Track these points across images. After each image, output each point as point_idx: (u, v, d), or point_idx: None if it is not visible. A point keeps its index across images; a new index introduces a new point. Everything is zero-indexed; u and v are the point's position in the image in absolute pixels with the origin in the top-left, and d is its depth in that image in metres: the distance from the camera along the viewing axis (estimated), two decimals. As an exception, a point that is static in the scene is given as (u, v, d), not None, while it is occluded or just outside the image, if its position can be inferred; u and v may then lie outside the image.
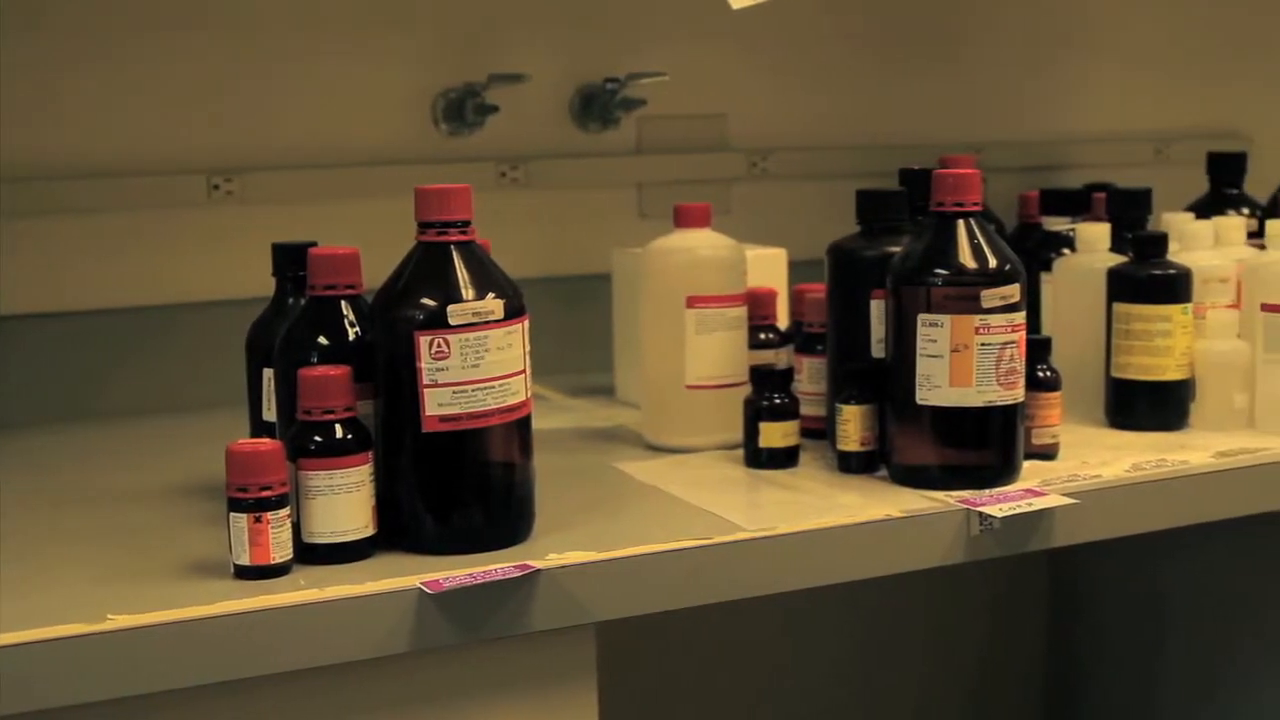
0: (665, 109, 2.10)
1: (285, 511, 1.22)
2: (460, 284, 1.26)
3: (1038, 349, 1.56)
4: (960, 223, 1.45)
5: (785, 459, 1.55)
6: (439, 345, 1.24)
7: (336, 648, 1.18)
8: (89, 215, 1.84)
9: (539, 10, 2.05)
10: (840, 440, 1.52)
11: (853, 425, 1.51)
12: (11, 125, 1.79)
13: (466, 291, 1.25)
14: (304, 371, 1.27)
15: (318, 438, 1.24)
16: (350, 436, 1.25)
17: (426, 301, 1.25)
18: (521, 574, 1.22)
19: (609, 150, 2.11)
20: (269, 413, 1.41)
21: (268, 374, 1.41)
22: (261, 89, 1.92)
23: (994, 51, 2.36)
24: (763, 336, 1.68)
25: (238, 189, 1.91)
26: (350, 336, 1.31)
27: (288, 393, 1.29)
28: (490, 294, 1.26)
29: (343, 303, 1.33)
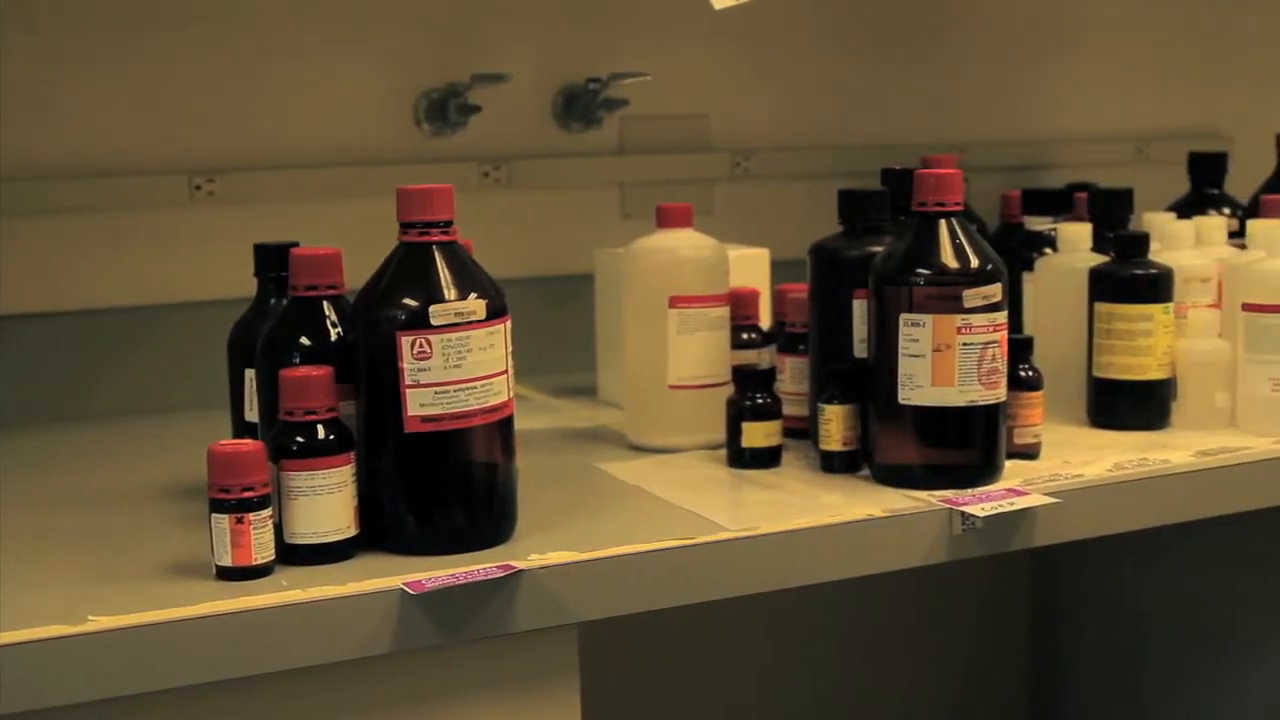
0: (648, 109, 2.10)
1: (267, 512, 1.21)
2: (442, 284, 1.26)
3: (1020, 348, 1.56)
4: (942, 222, 1.45)
5: (768, 459, 1.55)
6: (421, 345, 1.24)
7: (319, 648, 1.18)
8: (71, 215, 1.84)
9: (521, 10, 2.05)
10: (823, 440, 1.52)
11: (835, 425, 1.51)
12: (-8, 125, 1.79)
13: (448, 292, 1.25)
14: (286, 372, 1.27)
15: (300, 438, 1.24)
16: (332, 437, 1.25)
17: (408, 302, 1.25)
18: (504, 574, 1.22)
19: (591, 150, 2.11)
20: (251, 413, 1.41)
21: (250, 374, 1.40)
22: (244, 89, 1.91)
23: (976, 52, 2.37)
24: (745, 336, 1.68)
25: (220, 189, 1.90)
26: (332, 337, 1.31)
27: (270, 393, 1.29)
28: (472, 294, 1.26)
29: (325, 303, 1.33)
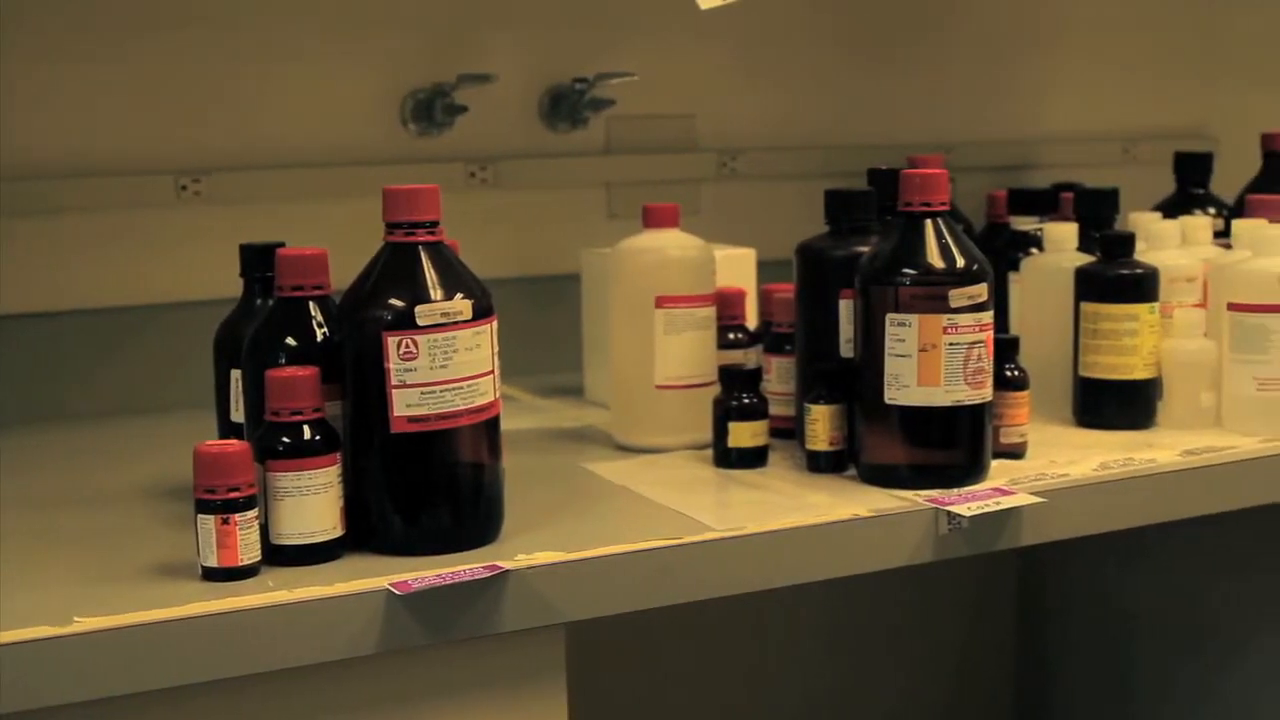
0: (634, 109, 2.10)
1: (253, 513, 1.21)
2: (428, 284, 1.26)
3: (1006, 348, 1.57)
4: (928, 222, 1.45)
5: (754, 459, 1.55)
6: (407, 346, 1.24)
7: (305, 649, 1.18)
8: (56, 216, 1.83)
9: (508, 11, 2.05)
10: (809, 440, 1.52)
11: (821, 425, 1.51)
12: (-23, 125, 1.78)
13: (434, 292, 1.25)
14: (272, 372, 1.26)
15: (285, 439, 1.24)
16: (318, 437, 1.25)
17: (394, 302, 1.25)
18: (490, 574, 1.22)
19: (578, 150, 2.11)
20: (237, 414, 1.40)
21: (235, 375, 1.40)
22: (230, 90, 1.91)
23: (962, 52, 2.37)
24: (731, 336, 1.68)
25: (206, 189, 1.90)
26: (318, 337, 1.31)
27: (256, 394, 1.29)
28: (458, 294, 1.26)
29: (310, 303, 1.33)
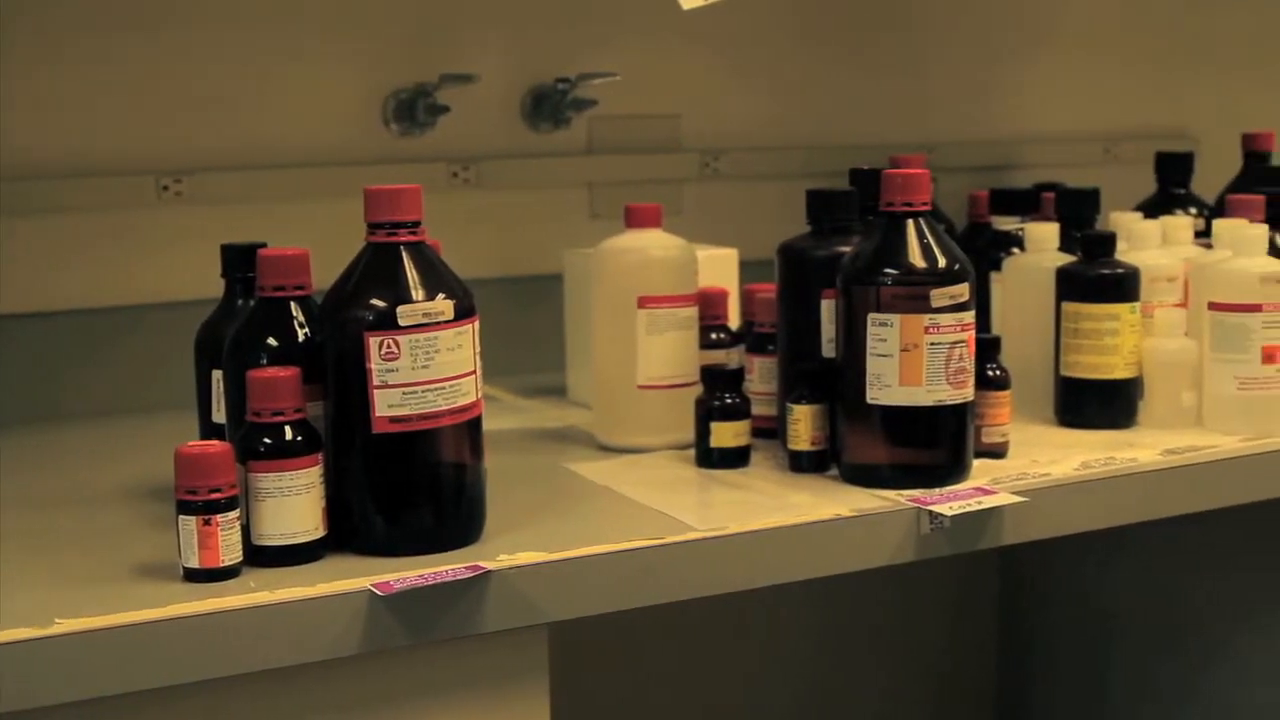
0: (617, 109, 2.10)
1: (235, 514, 1.21)
2: (410, 285, 1.25)
3: (987, 348, 1.57)
4: (910, 222, 1.45)
5: (736, 459, 1.55)
6: (389, 346, 1.24)
7: (287, 650, 1.17)
8: (35, 217, 1.83)
9: (490, 10, 2.04)
10: (791, 440, 1.52)
11: (803, 425, 1.51)
12: (-43, 126, 1.78)
13: (416, 292, 1.25)
14: (253, 373, 1.26)
15: (267, 439, 1.24)
16: (300, 438, 1.25)
17: (376, 302, 1.24)
18: (472, 575, 1.22)
19: (560, 150, 2.11)
20: (218, 414, 1.40)
21: (217, 375, 1.40)
22: (211, 90, 1.91)
23: (945, 53, 2.37)
24: (714, 336, 1.68)
25: (187, 190, 1.90)
26: (300, 338, 1.31)
27: (237, 394, 1.29)
28: (440, 295, 1.26)
29: (292, 304, 1.32)
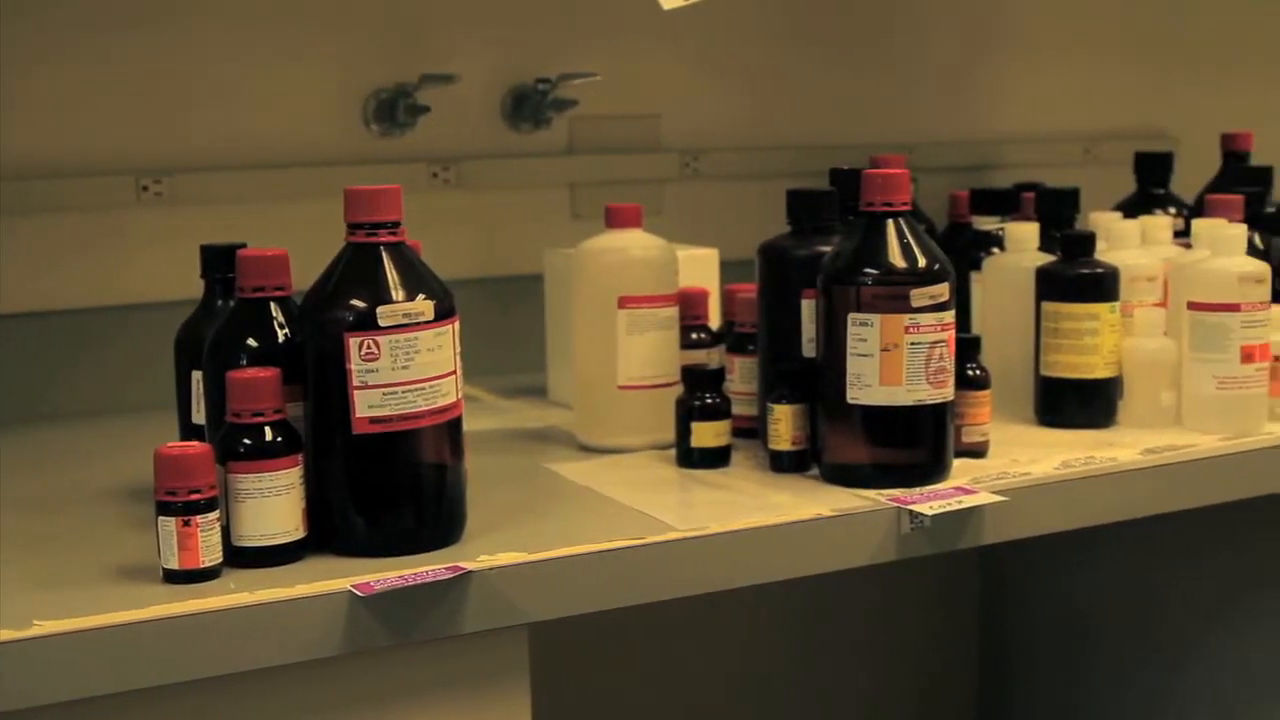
0: (597, 109, 2.10)
1: (214, 515, 1.21)
2: (390, 285, 1.25)
3: (967, 347, 1.57)
4: (890, 222, 1.45)
5: (717, 459, 1.55)
6: (369, 347, 1.24)
7: (267, 651, 1.17)
8: (16, 217, 1.82)
9: (470, 11, 2.04)
10: (772, 439, 1.53)
11: (784, 424, 1.51)
12: (-64, 126, 1.77)
13: (396, 293, 1.25)
14: (233, 374, 1.26)
15: (247, 440, 1.24)
16: (280, 439, 1.24)
17: (356, 303, 1.24)
18: (453, 575, 1.22)
19: (541, 151, 2.11)
20: (198, 415, 1.40)
21: (197, 376, 1.40)
22: (191, 89, 1.90)
23: (925, 53, 2.38)
24: (694, 336, 1.68)
25: (167, 190, 1.89)
26: (279, 338, 1.31)
27: (217, 395, 1.29)
28: (420, 295, 1.26)
29: (272, 304, 1.32)
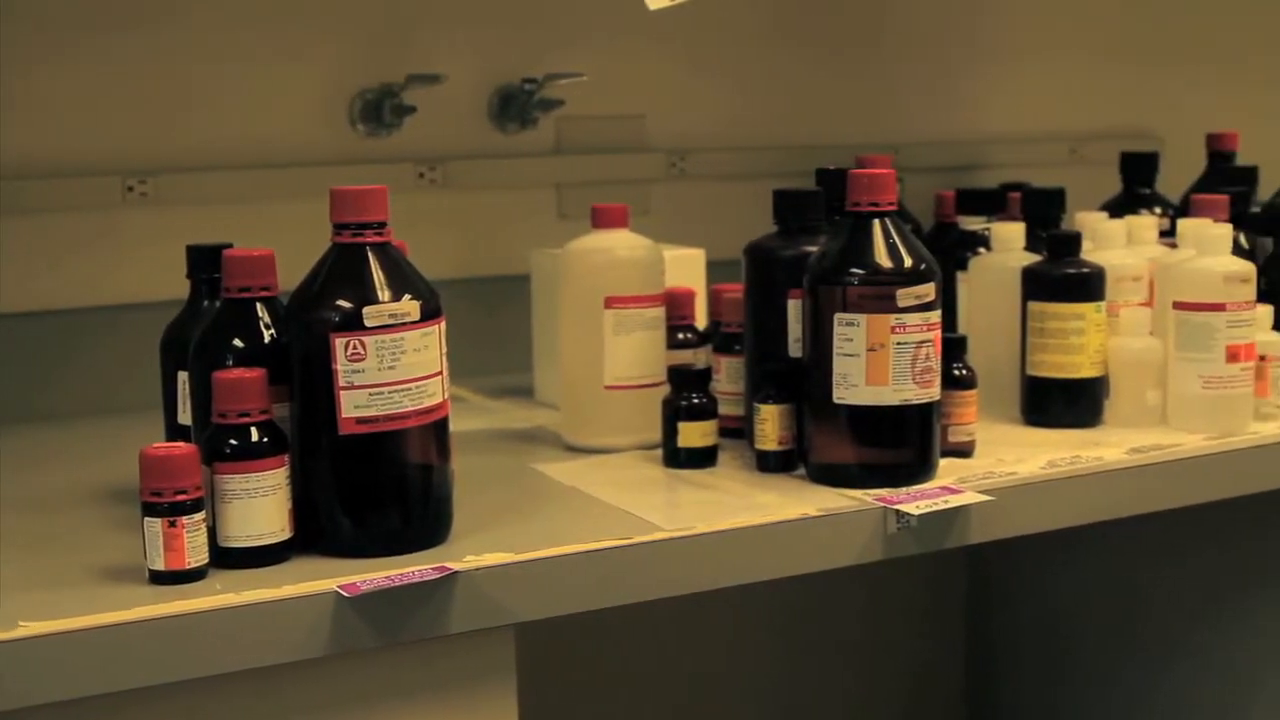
0: (584, 110, 2.10)
1: (200, 516, 1.21)
2: (376, 285, 1.25)
3: (953, 347, 1.57)
4: (876, 222, 1.45)
5: (703, 459, 1.55)
6: (355, 347, 1.24)
7: (253, 652, 1.17)
8: (1, 218, 1.82)
9: (456, 11, 2.04)
10: (758, 440, 1.53)
11: (771, 424, 1.52)
12: (-80, 127, 1.77)
13: (382, 293, 1.25)
14: (219, 374, 1.26)
15: (233, 441, 1.23)
16: (266, 439, 1.24)
17: (342, 303, 1.24)
18: (439, 576, 1.22)
19: (527, 151, 2.11)
20: (184, 416, 1.40)
21: (183, 377, 1.40)
22: (177, 90, 1.90)
23: (911, 53, 2.38)
24: (681, 336, 1.68)
25: (153, 190, 1.89)
26: (265, 339, 1.31)
27: (203, 395, 1.28)
28: (406, 295, 1.26)
29: (258, 305, 1.32)
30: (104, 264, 1.88)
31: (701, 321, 1.76)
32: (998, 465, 1.55)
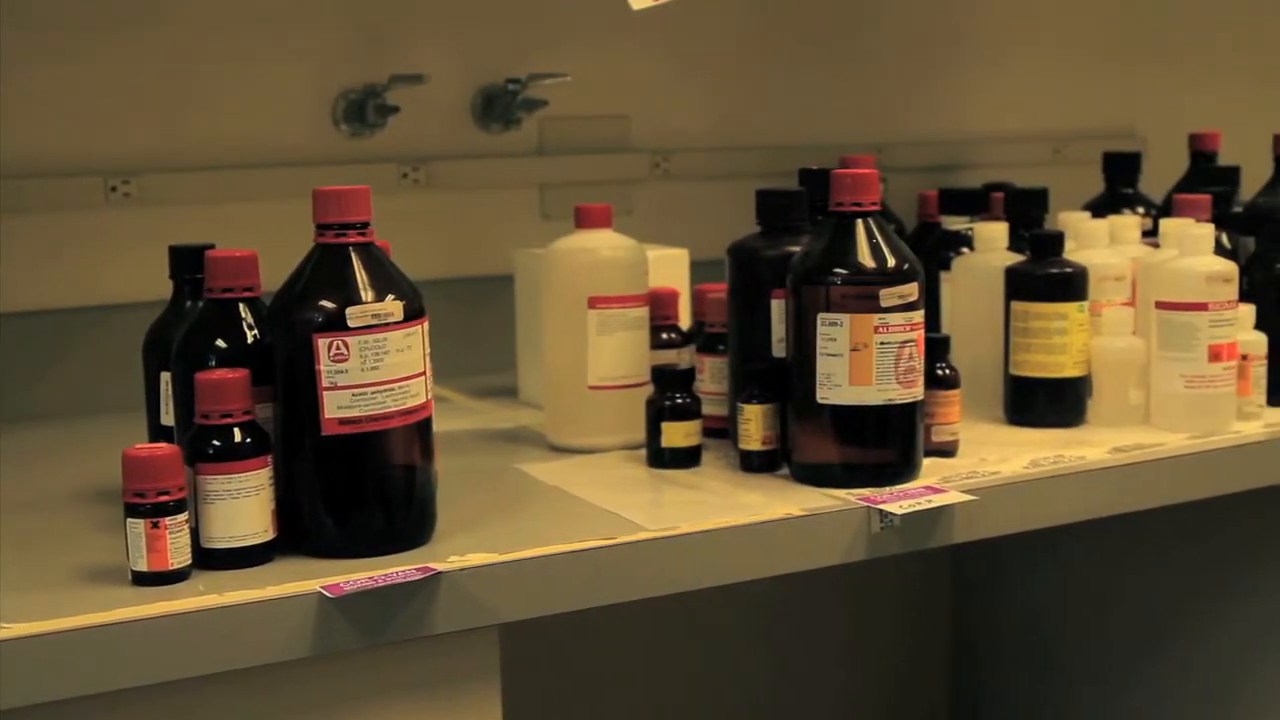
0: (567, 110, 2.09)
1: (183, 517, 1.20)
2: (359, 286, 1.25)
3: (937, 347, 1.58)
4: (859, 222, 1.46)
5: (687, 459, 1.55)
6: (338, 348, 1.24)
7: (237, 653, 1.17)
8: (-18, 218, 1.82)
9: (440, 11, 2.04)
10: (742, 439, 1.53)
11: (754, 424, 1.52)
12: (-98, 127, 1.76)
13: (365, 293, 1.25)
14: (202, 375, 1.26)
15: (216, 442, 1.23)
16: (249, 440, 1.24)
17: (325, 304, 1.24)
18: (423, 576, 1.21)
19: (511, 151, 2.11)
20: (167, 417, 1.40)
21: (165, 377, 1.39)
22: (160, 90, 1.90)
23: (894, 53, 2.38)
24: (665, 336, 1.68)
25: (136, 190, 1.88)
26: (249, 339, 1.31)
27: (186, 396, 1.28)
28: (390, 296, 1.26)
29: (241, 305, 1.32)
30: (86, 264, 1.88)
31: (685, 321, 1.77)
32: (981, 465, 1.55)
